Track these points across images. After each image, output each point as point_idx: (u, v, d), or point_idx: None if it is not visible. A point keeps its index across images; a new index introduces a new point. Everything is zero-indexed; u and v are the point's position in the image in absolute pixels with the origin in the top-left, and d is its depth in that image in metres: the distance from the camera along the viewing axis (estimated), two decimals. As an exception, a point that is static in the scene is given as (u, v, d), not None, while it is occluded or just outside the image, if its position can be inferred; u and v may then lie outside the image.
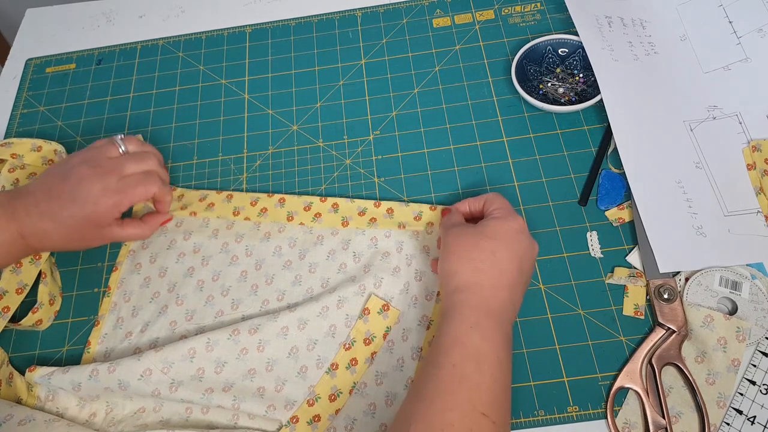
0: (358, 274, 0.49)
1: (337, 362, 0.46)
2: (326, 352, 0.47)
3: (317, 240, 0.52)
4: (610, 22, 0.59)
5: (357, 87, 0.61)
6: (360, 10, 0.66)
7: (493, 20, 0.64)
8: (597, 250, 0.49)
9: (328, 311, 0.48)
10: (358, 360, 0.46)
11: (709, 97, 0.54)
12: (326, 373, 0.46)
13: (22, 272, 0.51)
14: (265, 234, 0.53)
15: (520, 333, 0.47)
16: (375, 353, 0.46)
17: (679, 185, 0.50)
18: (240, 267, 0.52)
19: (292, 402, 0.45)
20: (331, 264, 0.51)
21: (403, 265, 0.50)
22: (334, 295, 0.48)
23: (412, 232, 0.51)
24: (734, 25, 0.56)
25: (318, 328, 0.47)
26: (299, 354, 0.47)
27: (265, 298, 0.50)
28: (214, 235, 0.53)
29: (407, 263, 0.50)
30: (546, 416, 0.44)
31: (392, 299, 0.48)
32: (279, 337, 0.47)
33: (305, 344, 0.47)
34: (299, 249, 0.52)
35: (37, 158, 0.57)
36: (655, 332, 0.45)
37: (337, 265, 0.50)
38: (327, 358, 0.46)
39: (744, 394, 0.43)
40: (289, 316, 0.47)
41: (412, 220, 0.51)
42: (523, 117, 0.57)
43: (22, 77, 0.67)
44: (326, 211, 0.53)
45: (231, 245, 0.53)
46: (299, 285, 0.50)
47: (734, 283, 0.46)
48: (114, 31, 0.70)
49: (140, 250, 0.54)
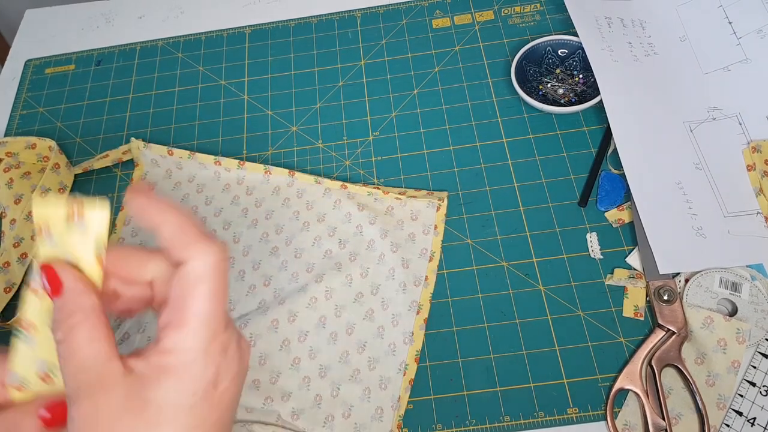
0: (344, 261, 0.50)
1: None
2: (317, 343, 0.48)
3: (303, 226, 0.53)
4: (609, 23, 0.59)
5: (356, 88, 0.61)
6: (359, 11, 0.66)
7: (492, 21, 0.63)
8: (597, 251, 0.49)
9: (316, 302, 0.49)
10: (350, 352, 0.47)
11: (709, 98, 0.54)
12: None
13: (10, 272, 0.51)
14: (252, 221, 0.54)
15: (520, 334, 0.47)
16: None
17: (678, 186, 0.50)
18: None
19: (288, 393, 0.46)
20: (316, 250, 0.51)
21: (388, 252, 0.50)
22: (321, 285, 0.49)
23: (396, 221, 0.52)
24: (734, 26, 0.56)
25: (308, 319, 0.48)
26: (291, 346, 0.48)
27: (252, 284, 0.51)
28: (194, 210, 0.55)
29: (392, 250, 0.50)
30: (546, 418, 0.44)
31: (379, 286, 0.49)
32: (270, 331, 0.48)
33: (296, 336, 0.48)
34: (285, 235, 0.53)
35: (32, 155, 0.57)
36: (654, 333, 0.45)
37: (322, 251, 0.51)
38: (319, 348, 0.47)
39: (744, 396, 0.43)
40: (278, 308, 0.48)
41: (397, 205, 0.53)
42: (523, 118, 0.57)
43: (21, 78, 0.67)
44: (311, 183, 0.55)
45: (219, 233, 0.53)
46: (285, 270, 0.51)
47: (734, 284, 0.46)
48: (113, 32, 0.70)
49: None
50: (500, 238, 0.51)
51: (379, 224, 0.51)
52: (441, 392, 0.46)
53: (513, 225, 0.51)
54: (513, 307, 0.48)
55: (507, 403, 0.45)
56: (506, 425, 0.44)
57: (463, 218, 0.52)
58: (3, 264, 0.51)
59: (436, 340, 0.48)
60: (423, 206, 0.52)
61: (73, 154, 0.60)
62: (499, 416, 0.45)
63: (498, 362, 0.46)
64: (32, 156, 0.57)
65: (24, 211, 0.55)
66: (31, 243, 0.54)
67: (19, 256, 0.53)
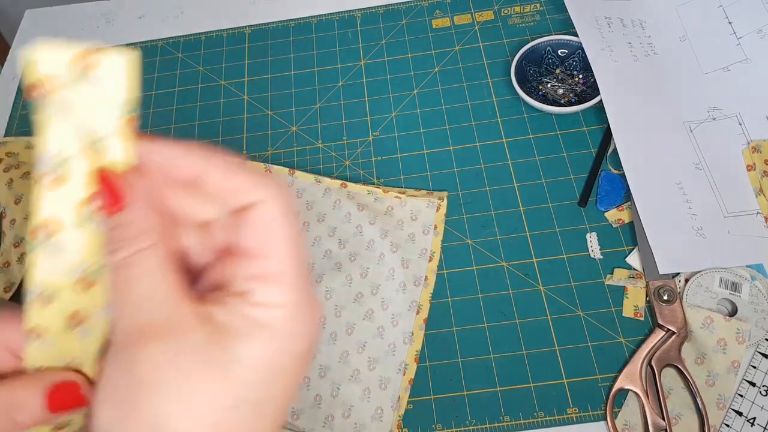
0: (344, 261, 0.50)
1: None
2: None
3: (303, 226, 0.53)
4: (609, 23, 0.59)
5: (356, 88, 0.61)
6: (359, 11, 0.66)
7: (492, 21, 0.63)
8: (596, 251, 0.49)
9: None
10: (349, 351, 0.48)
11: (708, 98, 0.54)
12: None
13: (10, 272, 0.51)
14: None
15: (520, 334, 0.47)
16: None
17: (678, 186, 0.50)
18: None
19: None
20: (316, 250, 0.52)
21: (388, 252, 0.50)
22: (321, 286, 0.49)
23: (396, 221, 0.52)
24: (734, 26, 0.56)
25: None
26: None
27: None
28: None
29: (392, 250, 0.50)
30: (545, 418, 0.44)
31: (379, 286, 0.49)
32: None
33: None
34: None
35: (32, 156, 0.57)
36: (654, 333, 0.45)
37: (322, 251, 0.51)
38: (319, 348, 0.48)
39: (744, 396, 0.43)
40: None
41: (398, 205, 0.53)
42: (523, 118, 0.57)
43: (20, 78, 0.67)
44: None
45: None
46: None
47: (734, 284, 0.46)
48: (113, 32, 0.70)
49: None
50: (500, 238, 0.51)
51: (379, 224, 0.51)
52: (441, 392, 0.46)
53: (513, 225, 0.51)
54: (513, 307, 0.48)
55: (507, 403, 0.45)
56: (506, 425, 0.44)
57: (463, 218, 0.52)
58: (3, 264, 0.51)
59: (436, 340, 0.48)
60: (423, 206, 0.52)
61: (73, 154, 0.60)
62: (498, 416, 0.45)
63: (498, 362, 0.46)
64: (32, 156, 0.57)
65: (24, 211, 0.55)
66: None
67: (19, 256, 0.53)
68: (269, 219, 0.21)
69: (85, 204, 0.21)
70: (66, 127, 0.20)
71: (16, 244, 0.53)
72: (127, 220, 0.21)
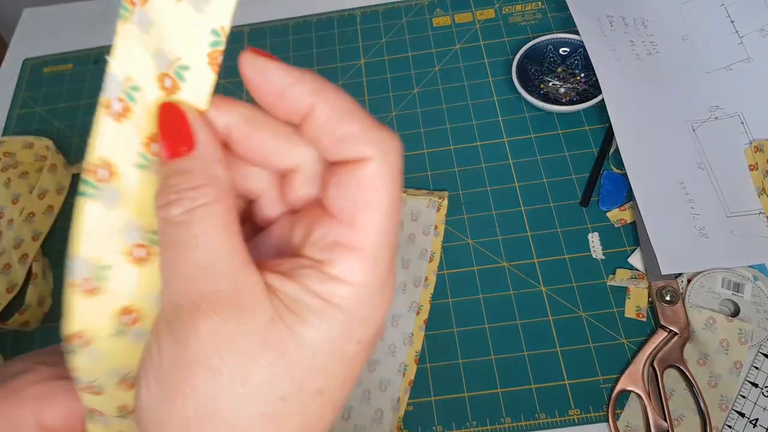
0: None
1: None
2: None
3: None
4: (611, 22, 0.58)
5: (356, 87, 0.61)
6: (359, 10, 0.66)
7: (493, 19, 0.63)
8: (598, 251, 0.49)
9: None
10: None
11: (711, 98, 0.54)
12: None
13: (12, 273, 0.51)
14: None
15: (521, 335, 0.47)
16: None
17: (681, 186, 0.49)
18: None
19: None
20: None
21: None
22: None
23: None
24: (736, 25, 0.56)
25: None
26: None
27: None
28: None
29: None
30: (547, 419, 0.44)
31: None
32: None
33: None
34: None
35: (29, 155, 0.57)
36: (657, 334, 0.45)
37: None
38: None
39: (746, 397, 0.43)
40: None
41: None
42: (524, 117, 0.56)
43: (18, 77, 0.67)
44: None
45: None
46: None
47: (736, 284, 0.45)
48: (111, 31, 0.69)
49: None
50: (501, 238, 0.51)
51: None
52: (441, 393, 0.46)
53: (514, 225, 0.51)
54: (514, 307, 0.48)
55: (508, 404, 0.45)
56: (507, 427, 0.44)
57: (463, 218, 0.52)
58: (4, 266, 0.51)
59: (436, 341, 0.47)
60: (423, 207, 0.52)
61: (71, 154, 0.60)
62: (499, 418, 0.44)
63: (499, 363, 0.46)
64: (30, 156, 0.57)
65: (22, 211, 0.55)
66: (31, 243, 0.54)
67: (20, 257, 0.53)
68: (374, 183, 0.18)
69: (149, 145, 0.18)
70: (143, 50, 0.17)
71: (16, 246, 0.53)
72: (189, 167, 0.17)
